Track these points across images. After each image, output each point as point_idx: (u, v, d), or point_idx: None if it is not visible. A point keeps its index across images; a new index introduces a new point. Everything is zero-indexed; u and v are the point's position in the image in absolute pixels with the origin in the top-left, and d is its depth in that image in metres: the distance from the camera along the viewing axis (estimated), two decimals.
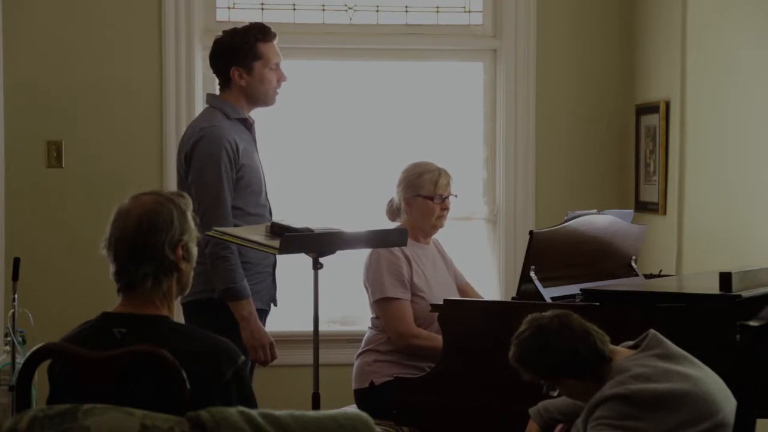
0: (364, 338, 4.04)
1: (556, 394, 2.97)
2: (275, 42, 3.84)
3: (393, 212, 4.10)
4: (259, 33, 3.81)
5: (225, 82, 3.83)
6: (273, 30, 3.86)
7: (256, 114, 3.93)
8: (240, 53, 3.77)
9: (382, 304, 3.94)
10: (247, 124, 3.84)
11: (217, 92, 3.86)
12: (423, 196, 4.00)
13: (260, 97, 3.82)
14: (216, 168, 3.65)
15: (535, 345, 2.88)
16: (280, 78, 3.84)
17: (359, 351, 4.03)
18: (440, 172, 4.04)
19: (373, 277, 3.96)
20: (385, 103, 5.15)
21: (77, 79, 4.87)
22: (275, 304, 3.91)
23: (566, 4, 5.11)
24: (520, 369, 2.93)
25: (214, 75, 3.91)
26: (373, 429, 2.20)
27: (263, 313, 3.82)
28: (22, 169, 4.85)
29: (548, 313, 2.94)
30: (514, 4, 5.05)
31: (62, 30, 4.87)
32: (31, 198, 4.87)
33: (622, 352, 2.92)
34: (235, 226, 3.63)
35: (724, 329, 2.97)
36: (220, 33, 3.89)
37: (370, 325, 4.05)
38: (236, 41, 3.79)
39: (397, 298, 3.91)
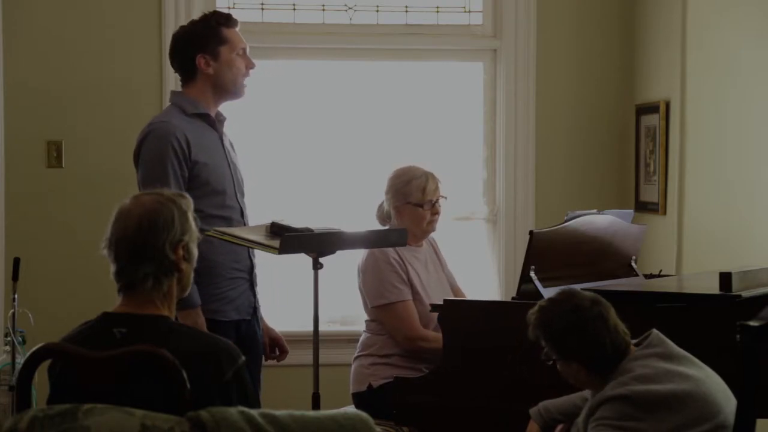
0: (360, 342, 4.03)
1: (550, 363, 2.95)
2: (238, 29, 3.67)
3: (383, 218, 4.08)
4: (221, 18, 3.64)
5: (188, 76, 3.62)
6: (234, 17, 3.68)
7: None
8: (204, 40, 3.58)
9: (384, 310, 3.91)
10: (210, 120, 3.62)
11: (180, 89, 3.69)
12: (412, 203, 3.97)
13: (228, 86, 3.61)
14: (162, 165, 3.46)
15: (566, 323, 2.84)
16: (248, 65, 3.65)
17: (356, 354, 4.01)
18: (428, 177, 3.99)
19: (372, 283, 3.93)
20: (385, 103, 5.15)
21: (77, 79, 4.87)
22: (256, 313, 3.72)
23: (566, 4, 5.11)
24: (536, 331, 2.89)
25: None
26: (373, 429, 2.20)
27: (244, 324, 3.64)
28: (22, 169, 4.85)
29: (588, 294, 2.90)
30: (514, 4, 5.05)
31: (62, 30, 4.87)
32: (31, 198, 4.86)
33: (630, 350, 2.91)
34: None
35: (724, 329, 2.97)
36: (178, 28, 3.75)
37: (365, 329, 4.04)
38: (198, 28, 3.62)
39: (401, 301, 3.89)
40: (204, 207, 3.46)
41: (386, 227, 4.02)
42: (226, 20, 3.65)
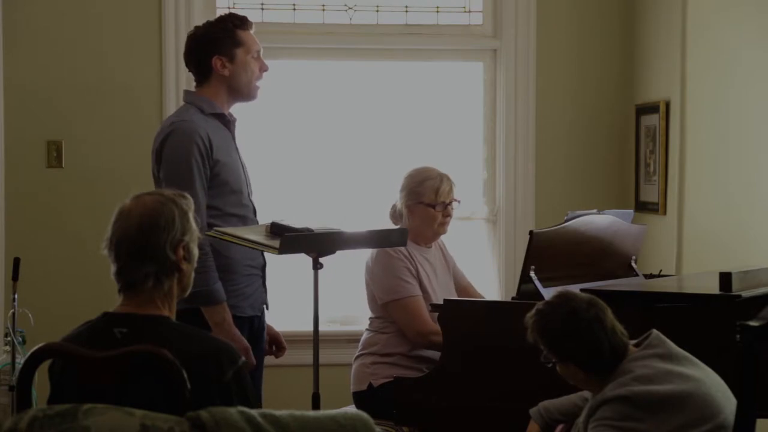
0: (362, 340, 4.03)
1: (549, 366, 2.95)
2: (252, 31, 3.69)
3: (396, 217, 4.08)
4: (237, 20, 3.67)
5: (203, 77, 3.65)
6: (250, 20, 3.71)
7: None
8: (220, 41, 3.61)
9: (396, 306, 3.90)
10: (225, 120, 3.65)
11: (194, 89, 3.71)
12: (424, 203, 3.98)
13: (242, 88, 3.64)
14: (187, 164, 3.46)
15: (563, 327, 2.84)
16: (262, 67, 3.68)
17: (357, 353, 4.01)
18: (442, 179, 4.00)
19: (381, 279, 3.93)
20: (385, 103, 5.15)
21: (77, 79, 4.87)
22: (267, 308, 3.77)
23: (566, 4, 5.11)
24: (534, 335, 2.90)
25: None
26: (373, 429, 2.20)
27: (256, 320, 3.68)
28: (22, 169, 4.85)
29: (585, 296, 2.90)
30: (514, 4, 5.05)
31: (62, 30, 4.87)
32: (31, 198, 4.87)
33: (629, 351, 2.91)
34: (214, 227, 3.44)
35: (724, 329, 2.97)
36: (192, 29, 3.77)
37: (367, 327, 4.04)
38: (214, 30, 3.65)
39: (411, 296, 3.89)
40: (222, 205, 3.53)
41: (398, 226, 4.02)
42: (242, 22, 3.68)
